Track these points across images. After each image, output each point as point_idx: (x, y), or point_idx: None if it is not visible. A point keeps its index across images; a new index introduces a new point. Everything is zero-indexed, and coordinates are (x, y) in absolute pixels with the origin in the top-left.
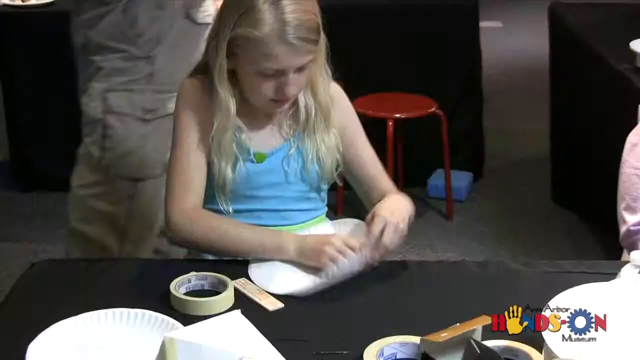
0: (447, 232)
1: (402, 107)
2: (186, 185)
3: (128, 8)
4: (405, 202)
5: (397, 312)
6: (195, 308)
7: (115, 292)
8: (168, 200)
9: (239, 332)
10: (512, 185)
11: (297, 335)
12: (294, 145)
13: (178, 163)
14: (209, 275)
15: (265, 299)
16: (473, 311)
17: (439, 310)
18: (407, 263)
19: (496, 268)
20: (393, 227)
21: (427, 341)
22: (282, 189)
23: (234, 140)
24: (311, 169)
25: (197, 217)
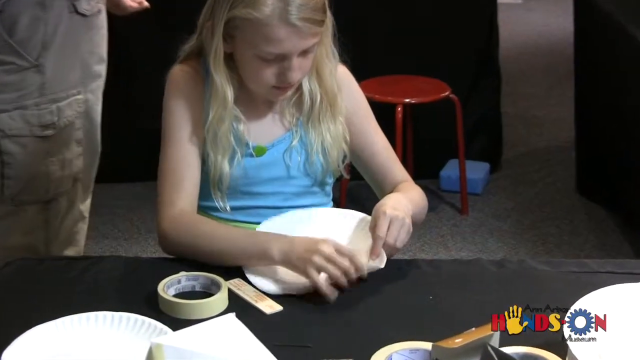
0: (461, 228)
1: (412, 91)
2: (177, 187)
3: (4, 10)
4: (414, 194)
5: (407, 315)
6: (186, 311)
7: (98, 293)
8: (158, 207)
9: (234, 338)
10: (533, 176)
11: (298, 341)
12: (297, 136)
13: (168, 161)
14: (201, 276)
15: (263, 302)
16: (490, 314)
17: (453, 313)
18: (417, 262)
19: (515, 267)
20: (398, 224)
21: (439, 347)
22: (284, 184)
23: (231, 131)
24: (315, 161)
25: (184, 223)
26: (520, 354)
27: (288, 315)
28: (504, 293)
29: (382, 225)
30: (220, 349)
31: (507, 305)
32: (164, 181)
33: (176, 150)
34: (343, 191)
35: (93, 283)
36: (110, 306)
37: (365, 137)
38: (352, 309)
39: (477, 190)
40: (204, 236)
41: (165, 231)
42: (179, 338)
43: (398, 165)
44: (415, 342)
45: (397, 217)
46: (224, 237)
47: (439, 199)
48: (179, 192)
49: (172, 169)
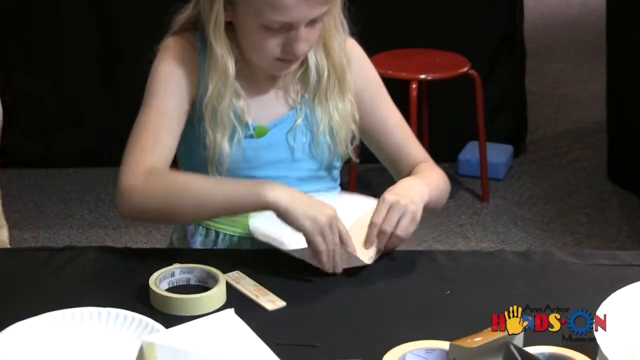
0: (481, 216)
1: (428, 67)
2: (149, 149)
3: None
4: (433, 176)
5: (422, 312)
6: (180, 307)
7: (83, 287)
8: (122, 167)
9: (232, 336)
10: (560, 160)
11: (303, 339)
12: (302, 114)
13: (145, 121)
14: (196, 268)
15: (264, 296)
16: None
17: (473, 309)
18: (433, 253)
19: (541, 260)
20: (399, 211)
21: (458, 347)
22: (288, 168)
23: (231, 107)
24: (322, 142)
25: (154, 176)
26: (546, 354)
27: (292, 311)
28: (529, 288)
29: (379, 211)
30: (217, 348)
31: (533, 301)
32: (136, 141)
33: (157, 114)
34: (352, 176)
35: (77, 276)
36: (97, 301)
37: (378, 115)
38: (361, 305)
39: (499, 176)
40: (180, 186)
41: (130, 187)
42: (173, 336)
43: (415, 144)
44: (431, 341)
45: (398, 203)
46: (205, 184)
47: (457, 185)
48: (151, 152)
49: (149, 130)
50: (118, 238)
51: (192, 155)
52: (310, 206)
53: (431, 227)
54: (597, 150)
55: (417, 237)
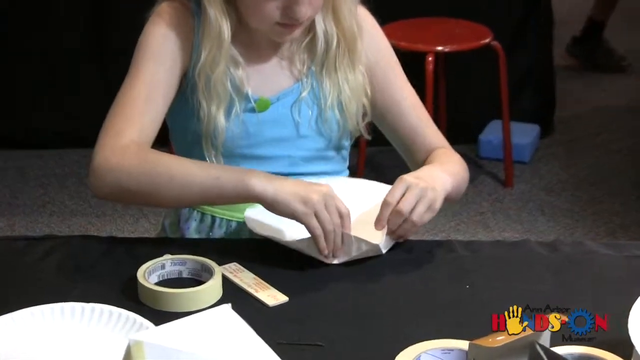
0: (505, 203)
1: (446, 38)
2: (130, 120)
3: None
4: (454, 164)
5: (439, 308)
6: (171, 302)
7: (64, 280)
8: (99, 139)
9: (229, 334)
10: (592, 141)
11: (307, 338)
12: (308, 87)
13: (129, 91)
14: (189, 259)
15: (264, 291)
16: (538, 306)
17: (494, 305)
18: (452, 244)
19: (570, 251)
20: (416, 194)
21: (478, 347)
22: (292, 146)
23: (228, 77)
24: (330, 118)
25: (131, 152)
26: (576, 354)
27: (295, 307)
28: (557, 282)
29: (394, 190)
30: (212, 347)
31: (560, 295)
32: (117, 112)
33: (143, 84)
34: (361, 158)
35: (58, 268)
36: (79, 296)
37: (391, 93)
38: (371, 301)
39: (524, 158)
40: (159, 166)
41: (105, 162)
42: (163, 334)
43: (432, 127)
44: (448, 340)
45: (417, 186)
46: (188, 167)
47: (478, 169)
48: (132, 125)
49: (129, 100)
50: (102, 226)
51: (185, 130)
52: (298, 187)
53: (449, 216)
54: (633, 130)
55: (434, 226)
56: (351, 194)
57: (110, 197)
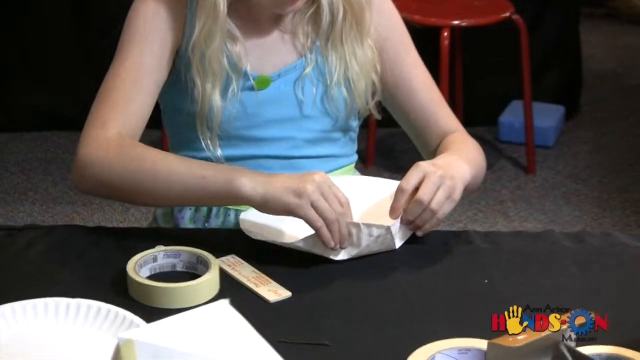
0: (526, 191)
1: (463, 11)
2: (116, 109)
3: None
4: (471, 151)
5: (455, 304)
6: (164, 297)
7: (47, 274)
8: (84, 130)
9: (227, 331)
10: (622, 124)
11: (311, 337)
12: (312, 62)
13: (116, 77)
14: (183, 251)
15: (265, 286)
16: (564, 303)
17: (515, 301)
18: (469, 235)
19: (598, 243)
20: (435, 181)
21: (497, 346)
22: (295, 126)
23: (224, 52)
24: (336, 95)
25: (115, 146)
26: (604, 355)
27: (298, 303)
28: (583, 277)
29: (410, 176)
30: (208, 345)
31: (587, 292)
32: (103, 99)
33: (131, 68)
34: (371, 140)
35: (40, 261)
36: (64, 291)
37: (402, 71)
38: (382, 296)
39: (548, 142)
40: (140, 163)
41: (87, 157)
42: (155, 332)
43: (445, 109)
44: (465, 339)
45: (434, 173)
46: (175, 164)
47: (497, 154)
48: (119, 114)
49: (116, 86)
50: (89, 216)
51: (178, 111)
52: (289, 180)
53: (466, 204)
54: None
55: (449, 215)
56: (356, 193)
57: (92, 192)
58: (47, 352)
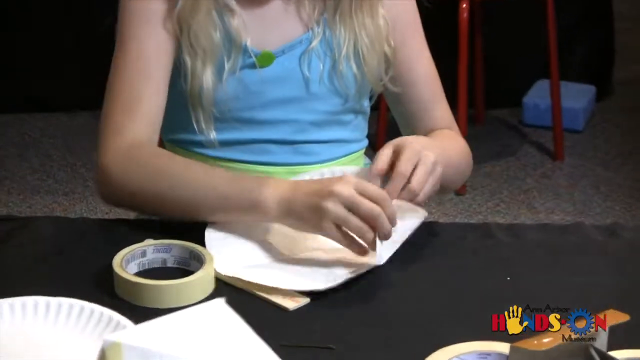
0: (553, 179)
1: None
2: (130, 109)
3: None
4: (454, 145)
5: (474, 304)
6: (154, 296)
7: (26, 270)
8: (100, 136)
9: (222, 334)
10: None
11: (315, 339)
12: (319, 35)
13: (121, 72)
14: (175, 245)
15: (277, 291)
16: (595, 302)
17: (540, 301)
18: (490, 227)
19: (632, 236)
20: (427, 168)
21: (521, 350)
22: (300, 108)
23: (217, 27)
24: (345, 71)
25: (136, 158)
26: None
27: (304, 305)
28: (616, 273)
29: (406, 161)
30: (202, 349)
31: (620, 290)
32: (113, 101)
33: (134, 56)
34: (381, 124)
35: (18, 256)
36: (44, 289)
37: (406, 56)
38: (392, 296)
39: (578, 126)
40: (162, 176)
41: (107, 169)
42: (144, 334)
43: (443, 105)
44: (485, 342)
45: (428, 158)
46: (193, 177)
47: (521, 138)
48: (133, 116)
49: (124, 84)
50: (71, 206)
51: (170, 90)
52: (309, 195)
53: (486, 194)
54: None
55: (468, 206)
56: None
57: (119, 205)
58: (25, 357)
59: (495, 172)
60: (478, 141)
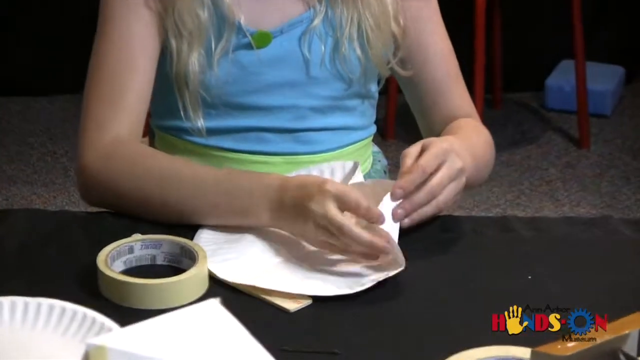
0: (578, 169)
1: None
2: (112, 102)
3: None
4: (479, 142)
5: (492, 305)
6: (142, 296)
7: (4, 267)
8: (81, 133)
9: (217, 337)
10: None
11: (318, 343)
12: (321, 14)
13: (103, 61)
14: (165, 241)
15: None
16: (623, 303)
17: (564, 301)
18: (509, 221)
19: None
20: (452, 174)
21: (544, 355)
22: (300, 93)
23: (205, 5)
24: (349, 53)
25: (119, 157)
26: None
27: (306, 307)
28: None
29: (431, 155)
30: (195, 354)
31: None
32: (94, 92)
33: (116, 42)
34: (391, 109)
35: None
36: (22, 288)
37: (419, 33)
38: (404, 295)
39: (605, 110)
40: (148, 177)
41: (88, 168)
42: (131, 338)
43: (460, 88)
44: (504, 346)
45: (455, 163)
46: (181, 179)
47: (544, 124)
48: (116, 109)
49: (106, 74)
50: (51, 198)
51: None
52: (294, 216)
53: (505, 185)
54: None
55: (486, 198)
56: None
57: (102, 205)
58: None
59: (515, 161)
60: (496, 127)
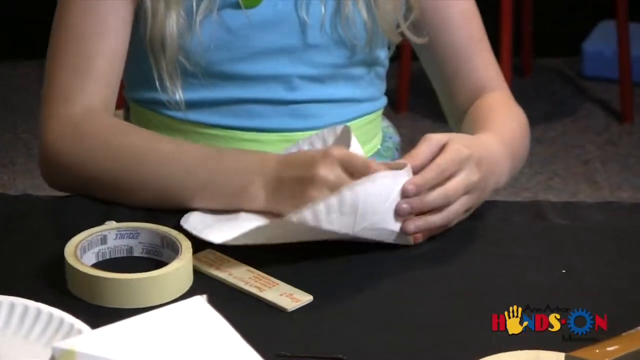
0: (620, 147)
1: None
2: (80, 70)
3: None
4: (514, 131)
5: (520, 303)
6: (116, 293)
7: None
8: (45, 105)
9: (202, 339)
10: None
11: (319, 347)
12: None
13: (65, 28)
14: (144, 229)
15: (272, 288)
16: None
17: (603, 299)
18: (541, 207)
19: None
20: (469, 185)
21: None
22: (296, 59)
23: None
24: (352, 16)
25: (88, 133)
26: None
27: (307, 306)
28: None
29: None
30: (176, 358)
31: None
32: (58, 59)
33: (83, 9)
34: (404, 78)
35: None
36: None
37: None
38: (417, 293)
39: None
40: (123, 155)
41: (53, 147)
42: (104, 341)
43: (485, 54)
44: (534, 351)
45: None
46: (162, 157)
47: (580, 95)
48: (84, 79)
49: (73, 38)
50: (12, 181)
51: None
52: (292, 197)
53: (536, 165)
54: None
55: (514, 182)
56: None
57: (67, 190)
58: None
59: (547, 138)
60: (526, 97)
